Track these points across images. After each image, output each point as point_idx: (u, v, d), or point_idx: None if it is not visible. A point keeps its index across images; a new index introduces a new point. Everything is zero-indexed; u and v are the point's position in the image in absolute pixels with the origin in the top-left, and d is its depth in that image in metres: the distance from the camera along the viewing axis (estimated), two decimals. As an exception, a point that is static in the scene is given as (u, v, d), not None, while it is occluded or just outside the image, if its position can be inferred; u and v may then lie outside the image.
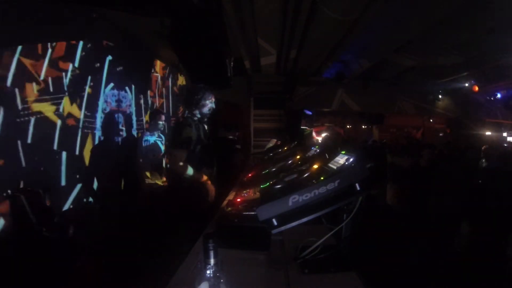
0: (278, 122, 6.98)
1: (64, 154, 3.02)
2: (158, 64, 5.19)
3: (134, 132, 4.34)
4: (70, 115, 3.09)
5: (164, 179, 3.67)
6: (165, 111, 5.41)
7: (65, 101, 3.01)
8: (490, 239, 2.40)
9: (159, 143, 3.88)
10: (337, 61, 5.33)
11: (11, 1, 2.35)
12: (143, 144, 3.72)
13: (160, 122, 3.83)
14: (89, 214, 3.19)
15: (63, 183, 3.02)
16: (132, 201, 3.65)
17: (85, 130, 3.32)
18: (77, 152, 3.20)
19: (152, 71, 5.01)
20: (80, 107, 3.23)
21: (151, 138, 3.78)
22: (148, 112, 4.68)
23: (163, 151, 3.84)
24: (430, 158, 3.72)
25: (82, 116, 3.26)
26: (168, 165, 2.47)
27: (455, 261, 2.42)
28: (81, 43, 3.17)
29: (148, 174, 3.69)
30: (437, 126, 9.94)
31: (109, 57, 3.69)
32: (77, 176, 3.20)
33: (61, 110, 2.96)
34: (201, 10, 2.28)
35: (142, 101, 4.61)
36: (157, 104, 5.16)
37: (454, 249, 2.50)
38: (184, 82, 6.18)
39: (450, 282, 2.23)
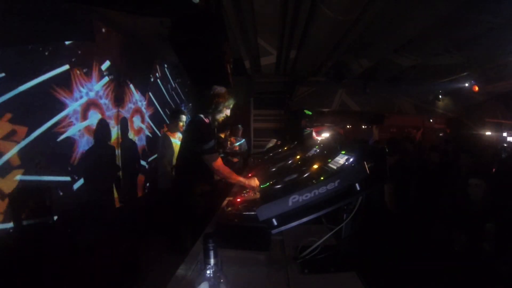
0: (278, 122, 7.00)
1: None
2: (159, 64, 5.18)
3: (140, 135, 4.32)
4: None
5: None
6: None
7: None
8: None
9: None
10: (337, 61, 5.33)
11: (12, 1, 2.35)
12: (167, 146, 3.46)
13: (181, 122, 3.56)
14: (89, 214, 3.19)
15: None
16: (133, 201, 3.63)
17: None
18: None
19: (153, 71, 5.00)
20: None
21: (175, 140, 3.51)
22: (170, 112, 4.55)
23: None
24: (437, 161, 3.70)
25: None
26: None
27: (455, 261, 2.42)
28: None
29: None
30: (437, 126, 9.93)
31: (108, 59, 3.68)
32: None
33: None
34: (201, 11, 2.27)
35: (142, 102, 4.60)
36: (159, 105, 5.15)
37: (454, 249, 2.49)
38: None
39: (450, 282, 2.22)
